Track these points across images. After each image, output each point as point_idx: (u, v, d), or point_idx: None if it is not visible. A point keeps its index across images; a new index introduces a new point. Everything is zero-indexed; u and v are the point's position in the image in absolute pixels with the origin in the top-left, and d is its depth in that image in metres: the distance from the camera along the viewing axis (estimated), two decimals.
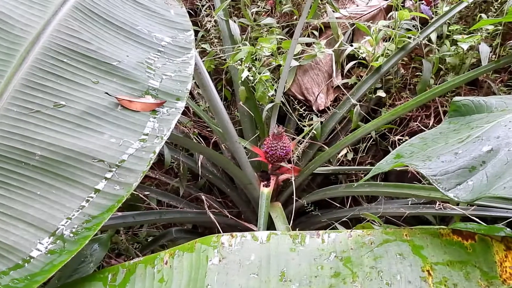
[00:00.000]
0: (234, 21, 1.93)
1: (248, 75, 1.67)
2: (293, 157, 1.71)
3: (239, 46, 1.78)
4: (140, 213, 1.61)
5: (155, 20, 1.21)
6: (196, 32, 2.14)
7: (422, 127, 1.82)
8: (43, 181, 0.86)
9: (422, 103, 1.55)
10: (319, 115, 1.89)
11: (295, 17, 2.06)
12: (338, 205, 1.84)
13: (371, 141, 1.90)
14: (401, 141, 1.81)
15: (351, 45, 1.86)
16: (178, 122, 1.96)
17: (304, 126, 1.83)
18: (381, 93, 1.85)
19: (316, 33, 1.96)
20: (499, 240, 0.85)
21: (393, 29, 1.78)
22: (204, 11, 2.08)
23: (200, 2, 2.14)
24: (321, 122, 1.81)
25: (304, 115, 1.85)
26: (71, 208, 0.84)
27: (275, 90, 1.71)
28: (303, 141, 1.80)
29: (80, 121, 0.93)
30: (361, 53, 1.82)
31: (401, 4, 1.93)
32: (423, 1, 1.93)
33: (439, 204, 1.48)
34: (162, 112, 0.99)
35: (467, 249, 0.86)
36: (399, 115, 1.63)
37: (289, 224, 1.47)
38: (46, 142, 0.89)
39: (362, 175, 1.87)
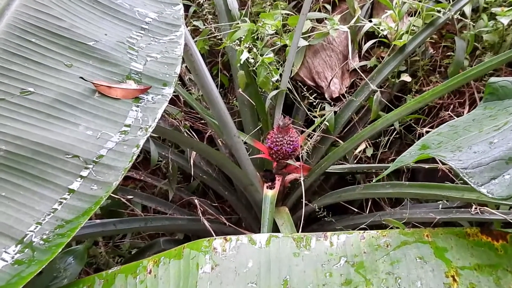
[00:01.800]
0: None
1: (248, 57, 1.68)
2: (302, 153, 1.72)
3: (238, 23, 1.80)
4: (122, 221, 1.62)
5: None
6: (187, 7, 2.15)
7: (455, 117, 1.83)
8: (8, 181, 0.87)
9: (454, 88, 1.56)
10: (332, 103, 1.90)
11: None
12: (355, 210, 1.85)
13: (394, 134, 1.90)
14: None
15: (370, 21, 1.87)
16: (166, 113, 1.97)
17: (315, 117, 1.84)
18: (405, 77, 1.85)
19: (329, 7, 1.97)
20: None
21: (419, 1, 1.78)
22: None
23: None
24: (335, 112, 1.82)
25: (314, 104, 1.86)
26: (41, 212, 0.85)
27: (280, 74, 1.72)
28: (314, 134, 1.80)
29: (51, 111, 0.94)
30: (381, 30, 1.83)
31: None
32: None
33: (475, 208, 1.49)
34: (147, 99, 1.01)
35: (498, 251, 0.87)
36: (427, 103, 1.64)
37: (298, 233, 1.48)
38: (11, 135, 0.90)
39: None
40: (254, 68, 1.73)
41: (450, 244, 0.89)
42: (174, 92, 1.85)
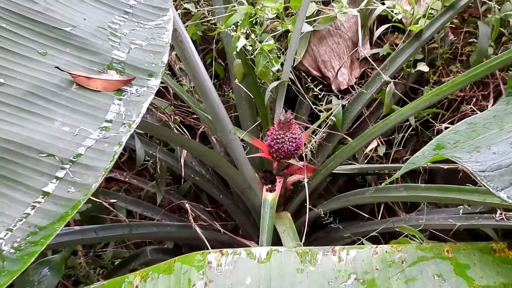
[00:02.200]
0: None
1: (245, 45, 1.68)
2: (305, 152, 1.73)
3: (234, 6, 1.80)
4: (104, 227, 1.63)
5: None
6: None
7: (478, 111, 1.83)
8: None
9: (477, 78, 1.56)
10: (340, 96, 1.91)
11: None
12: (366, 215, 1.86)
13: (409, 130, 1.91)
14: None
15: (383, 4, 1.87)
16: (153, 107, 1.98)
17: (321, 111, 1.85)
18: (422, 67, 1.85)
19: None
20: None
21: None
22: None
23: None
24: (343, 106, 1.82)
25: (320, 96, 1.86)
26: (12, 217, 0.85)
27: (282, 64, 1.72)
28: (319, 131, 1.81)
29: (23, 104, 0.94)
30: (395, 14, 1.83)
31: None
32: None
33: (500, 213, 1.49)
34: (130, 92, 1.01)
35: None
36: (446, 96, 1.65)
37: (301, 241, 1.49)
38: None
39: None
40: (252, 57, 1.73)
41: (473, 261, 0.89)
42: (162, 83, 1.87)
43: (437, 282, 0.88)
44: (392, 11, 1.84)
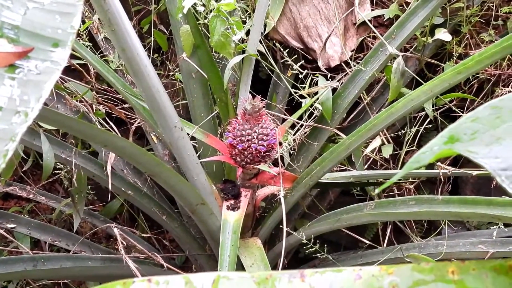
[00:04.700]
0: None
1: (196, 4, 1.69)
2: (282, 153, 1.74)
3: None
4: None
5: None
6: None
7: None
8: None
9: None
10: (329, 76, 1.93)
11: None
12: (367, 242, 1.89)
13: (426, 123, 1.95)
14: None
15: None
16: (67, 92, 1.97)
17: (303, 96, 1.87)
18: (443, 35, 1.89)
19: None
20: None
21: None
22: None
23: None
24: (334, 90, 1.85)
25: (302, 76, 1.88)
26: None
27: (248, 31, 1.74)
28: (301, 124, 1.83)
29: None
30: None
31: None
32: None
33: None
34: (28, 68, 1.02)
35: None
36: (474, 73, 1.66)
37: (261, 272, 1.50)
38: None
39: (411, 185, 1.93)
40: (206, 21, 1.74)
41: (485, 284, 0.92)
42: (80, 59, 1.87)
43: None
44: None
